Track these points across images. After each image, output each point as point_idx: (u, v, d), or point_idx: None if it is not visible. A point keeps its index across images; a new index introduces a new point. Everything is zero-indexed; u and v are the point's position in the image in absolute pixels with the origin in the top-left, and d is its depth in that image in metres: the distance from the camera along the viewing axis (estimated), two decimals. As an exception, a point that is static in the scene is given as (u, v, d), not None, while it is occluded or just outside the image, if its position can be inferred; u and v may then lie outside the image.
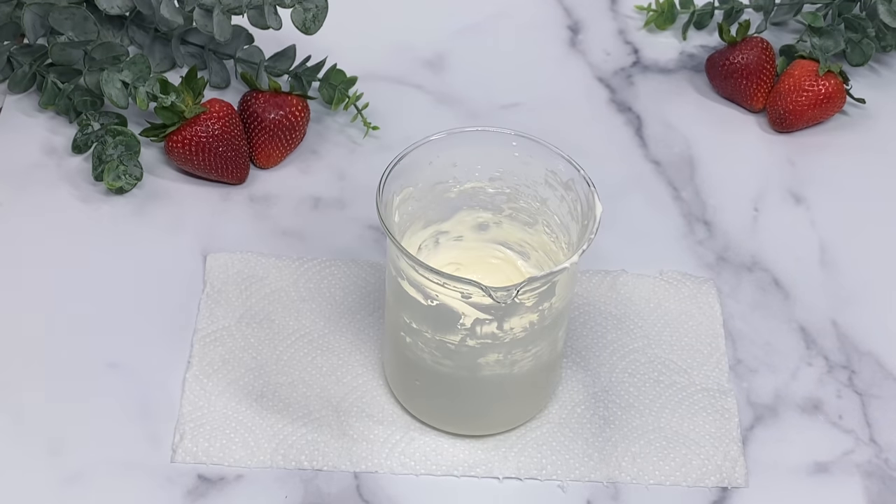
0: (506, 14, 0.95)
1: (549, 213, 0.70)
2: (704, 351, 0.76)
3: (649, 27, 0.95)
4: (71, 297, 0.76)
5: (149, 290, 0.77)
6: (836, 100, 0.88)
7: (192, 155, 0.80)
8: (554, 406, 0.72)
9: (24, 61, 0.84)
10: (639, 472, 0.70)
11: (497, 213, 0.71)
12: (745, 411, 0.74)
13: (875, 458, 0.72)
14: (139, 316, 0.75)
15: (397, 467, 0.70)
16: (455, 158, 0.69)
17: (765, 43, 0.89)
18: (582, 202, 0.66)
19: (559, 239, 0.70)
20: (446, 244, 0.72)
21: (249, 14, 0.82)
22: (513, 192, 0.70)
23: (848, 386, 0.76)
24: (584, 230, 0.65)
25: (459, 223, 0.72)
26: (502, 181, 0.70)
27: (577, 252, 0.63)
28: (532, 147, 0.68)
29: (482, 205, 0.71)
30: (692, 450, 0.71)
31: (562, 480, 0.70)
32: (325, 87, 0.86)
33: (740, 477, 0.71)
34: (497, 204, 0.71)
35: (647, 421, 0.72)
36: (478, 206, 0.71)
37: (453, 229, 0.72)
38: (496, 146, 0.69)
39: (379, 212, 0.64)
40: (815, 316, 0.79)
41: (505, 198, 0.71)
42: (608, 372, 0.74)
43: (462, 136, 0.68)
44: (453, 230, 0.72)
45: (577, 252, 0.63)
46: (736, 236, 0.82)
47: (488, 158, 0.69)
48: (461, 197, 0.71)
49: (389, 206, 0.65)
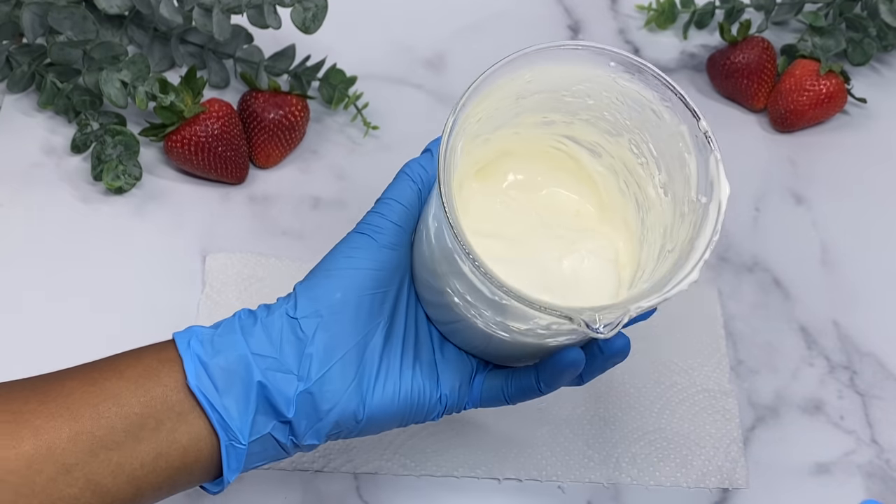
0: (506, 14, 0.95)
1: (644, 135, 0.59)
2: (705, 352, 0.76)
3: (650, 26, 0.95)
4: (70, 297, 0.76)
5: (148, 290, 0.77)
6: (838, 99, 0.87)
7: (191, 155, 0.80)
8: (554, 407, 0.72)
9: (22, 61, 0.84)
10: (639, 472, 0.70)
11: (570, 116, 0.60)
12: (746, 412, 0.74)
13: (876, 458, 0.72)
14: (138, 316, 0.75)
15: (397, 468, 0.70)
16: (532, 75, 0.57)
17: (766, 42, 0.89)
18: (698, 163, 0.55)
19: (649, 165, 0.59)
20: (497, 137, 0.61)
21: (249, 13, 0.82)
22: (597, 103, 0.59)
23: (849, 386, 0.75)
24: (693, 208, 0.55)
25: (519, 124, 0.61)
26: (588, 95, 0.58)
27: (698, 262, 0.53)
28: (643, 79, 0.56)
29: (553, 109, 0.60)
30: (693, 451, 0.71)
31: (562, 481, 0.70)
32: (324, 86, 0.86)
33: (741, 478, 0.70)
34: (573, 110, 0.60)
35: (648, 422, 0.72)
36: (548, 111, 0.60)
37: (509, 123, 0.61)
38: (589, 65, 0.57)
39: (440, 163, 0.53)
40: (816, 316, 0.78)
41: (584, 105, 0.59)
42: (608, 373, 0.74)
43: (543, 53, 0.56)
44: (509, 125, 0.61)
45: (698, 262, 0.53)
46: (737, 236, 0.82)
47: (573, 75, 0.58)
48: (529, 103, 0.59)
49: (453, 154, 0.54)
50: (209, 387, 0.55)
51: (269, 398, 0.56)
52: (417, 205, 0.60)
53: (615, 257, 0.62)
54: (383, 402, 0.58)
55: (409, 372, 0.59)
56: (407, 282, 0.60)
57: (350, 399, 0.57)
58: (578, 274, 0.61)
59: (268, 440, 0.57)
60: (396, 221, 0.60)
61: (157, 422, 0.55)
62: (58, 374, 0.57)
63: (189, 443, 0.55)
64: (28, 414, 0.54)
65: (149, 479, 0.55)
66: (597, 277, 0.61)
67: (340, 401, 0.57)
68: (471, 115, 0.55)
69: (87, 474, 0.53)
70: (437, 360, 0.60)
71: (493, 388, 0.61)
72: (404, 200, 0.60)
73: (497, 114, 0.58)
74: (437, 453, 0.70)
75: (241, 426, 0.56)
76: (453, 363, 0.60)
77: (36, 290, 0.76)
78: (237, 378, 0.56)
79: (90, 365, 0.57)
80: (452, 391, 0.60)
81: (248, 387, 0.56)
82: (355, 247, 0.59)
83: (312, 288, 0.58)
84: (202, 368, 0.56)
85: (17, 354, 0.72)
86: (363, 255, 0.59)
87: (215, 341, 0.57)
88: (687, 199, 0.57)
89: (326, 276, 0.58)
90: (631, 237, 0.62)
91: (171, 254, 0.79)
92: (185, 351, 0.56)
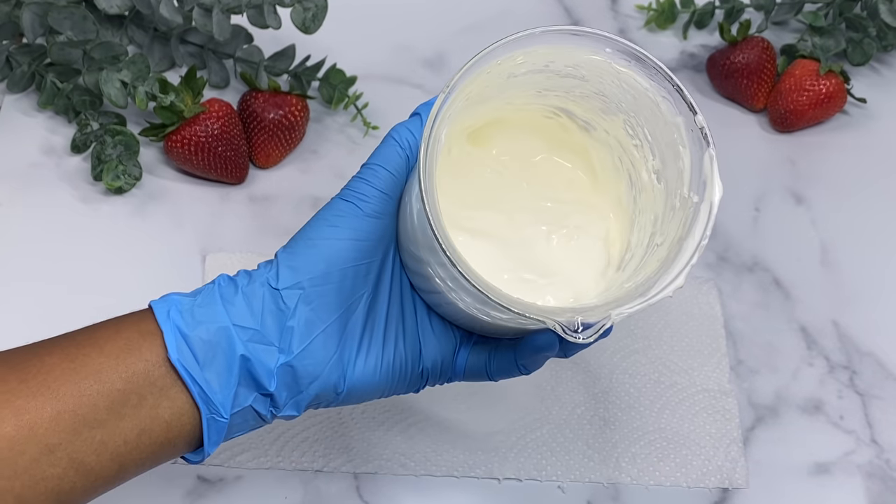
0: (506, 14, 0.95)
1: (640, 119, 0.57)
2: (705, 351, 0.76)
3: (650, 27, 0.95)
4: (70, 297, 0.76)
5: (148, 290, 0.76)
6: (837, 99, 0.87)
7: (191, 155, 0.80)
8: (554, 407, 0.72)
9: (22, 61, 0.84)
10: (639, 472, 0.70)
11: (564, 92, 0.58)
12: (745, 412, 0.74)
13: (876, 458, 0.72)
14: (138, 316, 0.75)
15: (397, 468, 0.70)
16: (525, 58, 0.55)
17: (766, 42, 0.89)
18: (692, 158, 0.54)
19: (643, 147, 0.58)
20: (488, 107, 0.59)
21: (249, 13, 0.82)
22: (592, 83, 0.57)
23: (849, 386, 0.75)
24: (685, 204, 0.54)
25: (511, 96, 0.59)
26: (583, 77, 0.56)
27: (684, 268, 0.51)
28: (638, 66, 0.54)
29: (547, 87, 0.58)
30: (693, 450, 0.71)
31: (562, 481, 0.70)
32: (324, 86, 0.86)
33: (741, 478, 0.70)
34: (567, 87, 0.58)
35: (648, 422, 0.72)
36: (541, 87, 0.58)
37: (500, 96, 0.59)
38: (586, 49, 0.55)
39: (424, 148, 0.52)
40: (815, 316, 0.78)
41: (578, 83, 0.57)
42: (609, 373, 0.74)
43: (531, 38, 0.54)
44: (501, 97, 0.59)
45: (684, 268, 0.51)
46: (737, 236, 0.82)
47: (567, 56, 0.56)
48: (521, 80, 0.57)
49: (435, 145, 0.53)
50: (190, 360, 0.54)
51: (252, 371, 0.55)
52: (405, 171, 0.58)
53: (605, 234, 0.61)
54: (364, 375, 0.57)
55: (391, 345, 0.58)
56: (392, 250, 0.59)
57: (331, 372, 0.56)
58: (566, 253, 0.61)
59: (248, 412, 0.56)
60: (382, 189, 0.58)
61: (139, 398, 0.54)
62: (35, 349, 0.56)
63: (171, 418, 0.55)
64: (8, 394, 0.53)
65: (132, 455, 0.54)
66: (585, 257, 0.60)
67: (322, 374, 0.56)
68: (458, 98, 0.54)
69: (70, 454, 0.53)
70: (420, 332, 0.59)
71: (475, 364, 0.59)
72: (391, 167, 0.58)
73: (487, 90, 0.56)
74: (437, 453, 0.70)
75: (223, 400, 0.55)
76: (437, 336, 0.59)
77: (35, 289, 0.76)
78: (219, 351, 0.55)
79: (68, 338, 0.56)
80: (435, 365, 0.59)
81: (231, 360, 0.55)
82: (339, 215, 0.57)
83: (294, 257, 0.57)
84: (183, 341, 0.55)
85: (17, 354, 0.72)
86: (347, 223, 0.57)
87: (195, 312, 0.55)
88: (679, 192, 0.55)
89: (309, 245, 0.57)
90: (623, 214, 0.61)
91: (171, 254, 0.79)
92: (165, 322, 0.55)
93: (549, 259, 0.61)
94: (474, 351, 0.60)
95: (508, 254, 0.60)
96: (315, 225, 0.58)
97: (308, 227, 0.58)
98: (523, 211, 0.61)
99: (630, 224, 0.60)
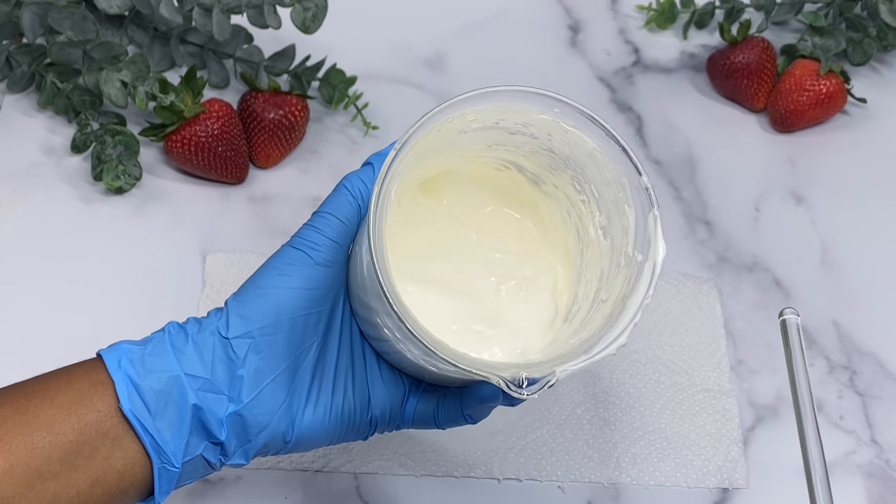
0: (506, 14, 0.95)
1: (586, 176, 0.58)
2: (705, 351, 0.76)
3: (650, 26, 0.95)
4: (70, 296, 0.76)
5: (148, 290, 0.77)
6: (838, 99, 0.87)
7: (191, 155, 0.80)
8: (554, 407, 0.72)
9: (22, 61, 0.84)
10: (639, 472, 0.70)
11: (514, 147, 0.59)
12: (746, 412, 0.74)
13: (876, 458, 0.72)
14: (138, 316, 0.75)
15: (397, 468, 0.70)
16: (475, 115, 0.56)
17: (766, 42, 0.89)
18: (637, 217, 0.55)
19: (590, 203, 0.59)
20: (439, 159, 0.60)
21: (249, 13, 0.82)
22: (541, 140, 0.58)
23: (849, 386, 0.75)
24: (629, 262, 0.55)
25: (462, 148, 0.60)
26: (533, 128, 0.57)
27: (627, 326, 0.53)
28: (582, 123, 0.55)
29: (496, 142, 0.59)
30: (693, 451, 0.71)
31: (562, 481, 0.70)
32: (324, 86, 0.86)
33: (741, 478, 0.70)
34: (516, 143, 0.59)
35: (648, 422, 0.72)
36: (491, 142, 0.59)
37: (451, 149, 0.60)
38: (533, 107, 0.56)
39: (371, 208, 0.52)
40: (815, 316, 0.78)
41: (527, 140, 0.58)
42: (608, 373, 0.74)
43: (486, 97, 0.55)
44: (451, 150, 0.60)
45: (627, 326, 0.53)
46: (737, 236, 0.82)
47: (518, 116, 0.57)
48: (471, 136, 0.58)
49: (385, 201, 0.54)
50: (142, 410, 0.54)
51: (203, 420, 0.55)
52: (356, 219, 0.59)
53: (553, 286, 0.62)
54: (313, 424, 0.57)
55: (340, 393, 0.58)
56: (342, 297, 0.59)
57: (280, 421, 0.57)
58: (515, 304, 0.61)
59: (198, 460, 0.56)
60: (333, 238, 0.58)
61: (91, 448, 0.54)
62: None
63: (124, 468, 0.54)
64: None
65: None
66: (533, 308, 0.61)
67: (270, 423, 0.56)
68: (408, 154, 0.54)
69: None
70: (369, 381, 0.59)
71: (423, 413, 0.60)
72: (342, 215, 0.58)
73: (438, 145, 0.57)
74: (437, 453, 0.70)
75: (174, 449, 0.55)
76: (386, 385, 0.59)
77: (35, 289, 0.76)
78: (171, 400, 0.55)
79: (17, 389, 0.56)
80: (384, 413, 0.59)
81: (183, 409, 0.55)
82: (290, 263, 0.57)
83: (244, 305, 0.57)
84: (134, 390, 0.54)
85: (16, 354, 0.72)
86: (297, 272, 0.57)
87: (146, 361, 0.55)
88: (624, 250, 0.56)
89: (259, 293, 0.57)
90: (571, 267, 0.62)
91: (171, 254, 0.79)
92: (116, 372, 0.55)
93: (497, 310, 0.61)
94: (422, 399, 0.60)
95: (457, 304, 0.61)
96: (265, 273, 0.58)
97: (258, 276, 0.58)
98: (473, 262, 0.62)
99: (577, 277, 0.61)
